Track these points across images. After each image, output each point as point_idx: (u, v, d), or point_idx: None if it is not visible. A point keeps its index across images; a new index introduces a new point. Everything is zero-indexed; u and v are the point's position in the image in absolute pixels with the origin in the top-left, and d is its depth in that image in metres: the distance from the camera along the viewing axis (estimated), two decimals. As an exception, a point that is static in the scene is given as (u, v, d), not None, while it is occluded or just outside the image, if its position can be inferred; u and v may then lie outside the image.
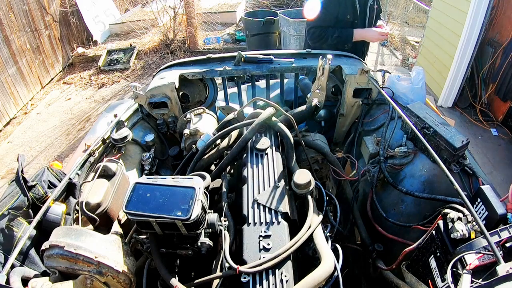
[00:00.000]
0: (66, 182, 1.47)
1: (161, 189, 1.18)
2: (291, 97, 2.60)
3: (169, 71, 2.28)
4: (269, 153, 1.58)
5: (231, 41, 7.77)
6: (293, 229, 1.32)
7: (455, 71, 4.77)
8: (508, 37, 4.32)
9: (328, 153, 1.84)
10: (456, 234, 1.14)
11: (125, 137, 1.84)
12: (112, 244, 1.19)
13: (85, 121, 5.58)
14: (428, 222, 1.47)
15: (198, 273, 1.36)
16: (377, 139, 1.89)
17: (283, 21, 6.08)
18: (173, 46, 7.49)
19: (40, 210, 1.28)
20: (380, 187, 1.83)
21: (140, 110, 2.23)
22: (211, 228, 1.26)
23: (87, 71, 7.26)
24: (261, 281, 1.07)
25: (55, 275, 1.10)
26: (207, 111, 2.18)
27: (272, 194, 1.36)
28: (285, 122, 1.75)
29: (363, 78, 2.09)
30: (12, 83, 5.80)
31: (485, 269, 1.02)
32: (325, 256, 1.12)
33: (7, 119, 5.67)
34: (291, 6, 8.77)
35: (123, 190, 1.57)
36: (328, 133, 2.50)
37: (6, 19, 5.73)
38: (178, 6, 7.16)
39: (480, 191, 1.32)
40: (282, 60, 2.28)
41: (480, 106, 4.85)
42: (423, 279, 1.27)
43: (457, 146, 1.48)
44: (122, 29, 8.36)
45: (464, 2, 4.45)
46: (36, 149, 5.02)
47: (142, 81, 6.62)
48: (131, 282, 1.18)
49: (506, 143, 4.42)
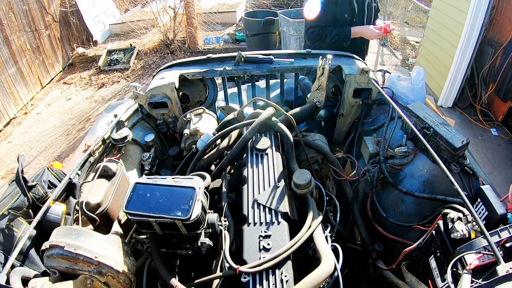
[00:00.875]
0: (66, 182, 1.47)
1: (161, 189, 1.18)
2: (291, 97, 2.60)
3: (169, 71, 2.28)
4: (269, 153, 1.58)
5: (231, 41, 7.78)
6: (293, 229, 1.32)
7: (455, 71, 4.77)
8: (508, 37, 4.32)
9: (328, 153, 1.84)
10: (456, 234, 1.14)
11: (125, 137, 1.84)
12: (112, 244, 1.19)
13: (85, 121, 5.58)
14: (428, 222, 1.47)
15: (198, 273, 1.36)
16: (377, 139, 1.89)
17: (283, 21, 6.08)
18: (173, 46, 7.49)
19: (40, 210, 1.28)
20: (380, 187, 1.83)
21: (140, 110, 2.23)
22: (211, 228, 1.26)
23: (87, 71, 7.27)
24: (261, 281, 1.07)
25: (55, 275, 1.10)
26: (207, 111, 2.18)
27: (272, 194, 1.36)
28: (285, 122, 1.75)
29: (363, 78, 2.09)
30: (12, 83, 5.81)
31: (485, 269, 1.02)
32: (325, 256, 1.12)
33: (7, 119, 5.68)
34: (291, 6, 8.77)
35: (123, 190, 1.57)
36: (328, 133, 2.50)
37: (6, 19, 5.74)
38: (178, 6, 7.16)
39: (480, 191, 1.32)
40: (282, 60, 2.28)
41: (480, 106, 4.85)
42: (423, 279, 1.27)
43: (457, 146, 1.48)
44: (122, 29, 8.36)
45: (464, 2, 4.45)
46: (36, 149, 5.02)
47: (142, 81, 6.62)
48: (131, 282, 1.18)
49: (506, 143, 4.42)
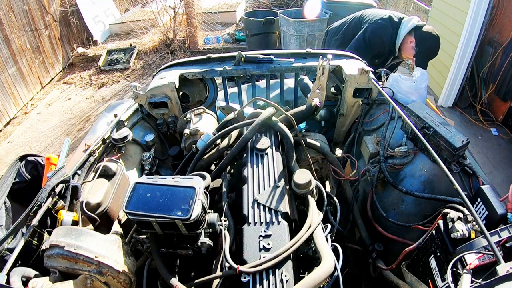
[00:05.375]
0: (70, 187, 1.46)
1: (161, 189, 1.18)
2: (291, 97, 2.60)
3: (169, 71, 2.28)
4: (269, 153, 1.58)
5: (231, 41, 7.77)
6: (293, 229, 1.32)
7: (455, 71, 4.77)
8: (508, 37, 4.32)
9: (328, 153, 1.84)
10: (456, 234, 1.14)
11: (125, 137, 1.84)
12: (112, 244, 1.19)
13: (85, 121, 5.58)
14: (428, 222, 1.47)
15: (198, 273, 1.36)
16: (377, 139, 1.89)
17: (283, 21, 6.08)
18: (173, 46, 7.49)
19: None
20: (380, 187, 1.83)
21: (140, 110, 2.23)
22: (211, 228, 1.26)
23: (87, 71, 7.26)
24: (261, 281, 1.07)
25: (55, 275, 1.10)
26: (207, 111, 2.18)
27: (272, 194, 1.36)
28: (285, 122, 1.75)
29: (363, 78, 2.09)
30: (12, 83, 5.80)
31: (485, 269, 1.02)
32: (325, 256, 1.12)
33: (7, 119, 5.67)
34: (291, 6, 8.77)
35: (123, 190, 1.57)
36: (328, 133, 2.50)
37: (6, 19, 5.73)
38: (178, 6, 7.16)
39: (480, 191, 1.32)
40: (282, 60, 2.28)
41: (480, 106, 4.85)
42: (423, 279, 1.27)
43: (457, 146, 1.48)
44: (122, 29, 8.35)
45: (464, 2, 4.45)
46: (36, 149, 5.01)
47: (142, 81, 6.62)
48: (131, 282, 1.18)
49: (506, 143, 4.42)
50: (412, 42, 2.84)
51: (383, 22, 2.89)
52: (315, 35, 5.94)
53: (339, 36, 3.31)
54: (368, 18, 3.02)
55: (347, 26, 3.26)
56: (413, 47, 2.84)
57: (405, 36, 2.86)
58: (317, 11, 5.96)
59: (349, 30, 3.21)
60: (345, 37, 3.22)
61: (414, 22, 2.81)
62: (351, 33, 3.17)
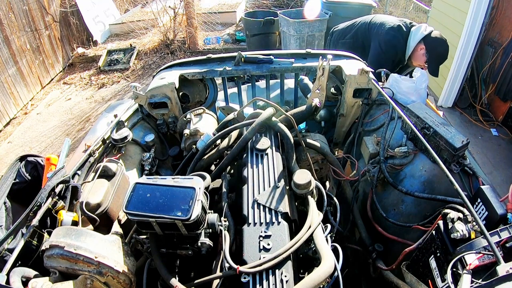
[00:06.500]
0: (70, 188, 1.46)
1: (161, 189, 1.18)
2: (291, 97, 2.60)
3: (169, 71, 2.28)
4: (269, 153, 1.58)
5: (231, 41, 7.78)
6: (293, 229, 1.32)
7: (455, 71, 4.77)
8: (508, 37, 4.32)
9: (328, 153, 1.84)
10: (456, 234, 1.14)
11: (125, 137, 1.85)
12: (112, 244, 1.19)
13: (85, 121, 5.58)
14: (428, 222, 1.47)
15: (198, 273, 1.36)
16: (377, 139, 1.89)
17: (283, 21, 6.08)
18: (173, 46, 7.49)
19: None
20: (380, 187, 1.83)
21: (140, 110, 2.23)
22: (211, 228, 1.26)
23: (87, 71, 7.27)
24: (261, 281, 1.07)
25: (55, 275, 1.10)
26: (207, 111, 2.18)
27: (272, 194, 1.36)
28: (285, 122, 1.75)
29: (363, 78, 2.09)
30: (12, 83, 5.81)
31: (485, 269, 1.02)
32: (325, 256, 1.12)
33: (7, 119, 5.67)
34: (291, 6, 8.78)
35: (123, 190, 1.57)
36: (328, 133, 2.50)
37: (6, 19, 5.74)
38: (178, 6, 7.17)
39: (480, 191, 1.32)
40: (282, 60, 2.28)
41: (480, 106, 4.85)
42: (423, 279, 1.27)
43: (457, 146, 1.48)
44: (122, 29, 8.36)
45: (464, 2, 4.45)
46: (36, 149, 5.01)
47: (142, 81, 6.62)
48: (131, 282, 1.18)
49: (506, 143, 4.42)
50: (422, 49, 2.86)
51: (394, 33, 2.89)
52: (315, 35, 5.95)
53: (347, 40, 3.30)
54: (378, 29, 3.00)
55: (355, 30, 3.24)
56: (424, 54, 2.86)
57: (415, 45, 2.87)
58: (317, 12, 5.97)
59: (358, 35, 3.20)
60: (355, 43, 3.21)
61: (423, 31, 2.81)
62: (361, 39, 3.17)
